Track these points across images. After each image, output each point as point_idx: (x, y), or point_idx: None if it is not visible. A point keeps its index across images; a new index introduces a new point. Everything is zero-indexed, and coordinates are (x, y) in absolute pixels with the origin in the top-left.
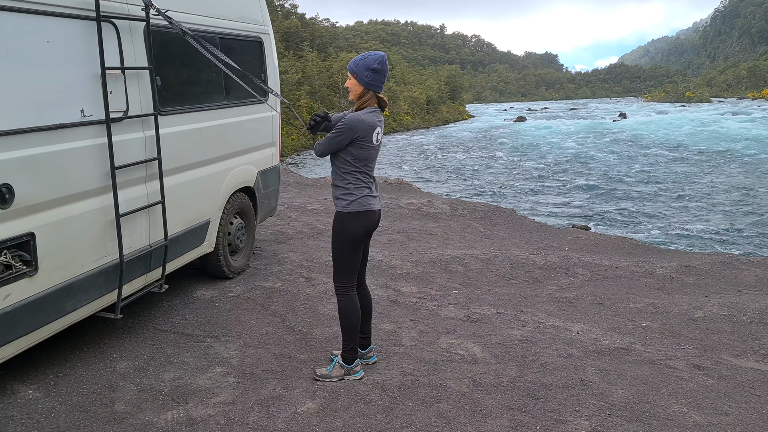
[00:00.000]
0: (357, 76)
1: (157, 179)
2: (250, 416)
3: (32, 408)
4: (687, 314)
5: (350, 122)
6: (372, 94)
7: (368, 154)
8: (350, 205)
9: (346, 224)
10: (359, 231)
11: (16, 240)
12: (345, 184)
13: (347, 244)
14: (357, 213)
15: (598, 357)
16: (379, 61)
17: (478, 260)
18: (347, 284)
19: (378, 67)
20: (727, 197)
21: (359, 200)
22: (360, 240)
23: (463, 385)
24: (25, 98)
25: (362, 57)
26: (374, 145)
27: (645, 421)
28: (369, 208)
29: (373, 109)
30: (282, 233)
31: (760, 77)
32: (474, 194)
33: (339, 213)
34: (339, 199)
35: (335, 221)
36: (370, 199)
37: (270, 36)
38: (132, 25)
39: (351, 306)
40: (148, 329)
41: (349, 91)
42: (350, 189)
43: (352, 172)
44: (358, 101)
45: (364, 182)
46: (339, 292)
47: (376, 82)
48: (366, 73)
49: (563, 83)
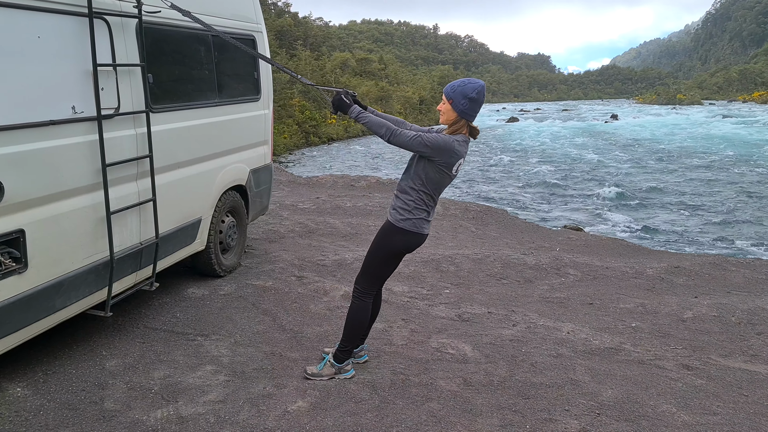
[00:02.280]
0: (453, 102)
1: (148, 177)
2: (240, 414)
3: (20, 406)
4: (676, 315)
5: (443, 142)
6: (465, 122)
7: (443, 180)
8: (404, 222)
9: (392, 237)
10: (400, 247)
11: (5, 237)
12: (407, 199)
13: (385, 255)
14: (407, 231)
15: (588, 357)
16: (478, 90)
17: (469, 260)
18: (368, 290)
19: (476, 97)
20: (717, 199)
21: (414, 221)
22: (399, 255)
23: (454, 385)
24: (15, 94)
25: (461, 83)
26: (452, 174)
27: (634, 420)
28: (419, 231)
29: (465, 139)
30: (274, 232)
31: (751, 80)
32: (465, 194)
33: (390, 224)
34: (395, 210)
35: (382, 229)
36: (424, 222)
37: (263, 34)
38: (124, 21)
39: (363, 311)
40: (138, 327)
41: (441, 113)
42: (410, 207)
43: (420, 191)
44: (449, 127)
45: (426, 205)
46: (357, 294)
47: (471, 111)
48: (463, 101)
49: (556, 84)
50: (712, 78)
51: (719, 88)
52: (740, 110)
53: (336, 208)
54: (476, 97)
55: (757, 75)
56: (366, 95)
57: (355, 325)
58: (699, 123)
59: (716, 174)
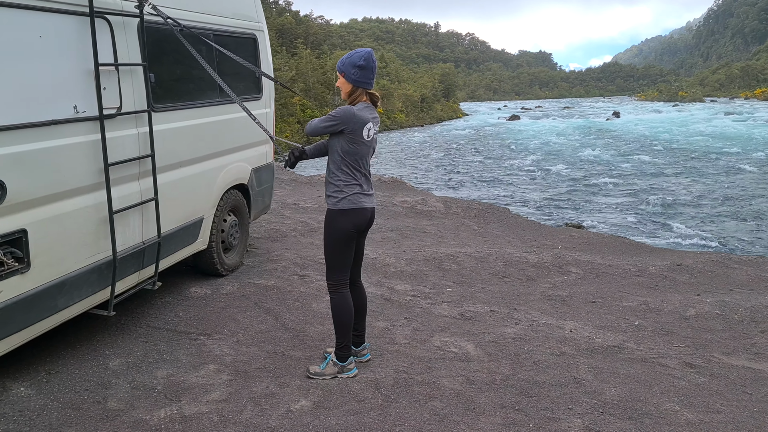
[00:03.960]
0: (345, 75)
1: (150, 176)
2: (244, 414)
3: (24, 405)
4: (679, 313)
5: (343, 113)
6: (362, 90)
7: (359, 149)
8: (340, 202)
9: (336, 222)
10: (349, 228)
11: (7, 237)
12: (335, 180)
13: (337, 242)
14: (347, 210)
15: (591, 355)
16: (365, 57)
17: (471, 258)
18: (339, 281)
19: (364, 64)
20: (719, 196)
21: (349, 198)
22: (350, 238)
23: (457, 383)
24: (17, 94)
25: (348, 55)
26: (365, 141)
27: (637, 419)
28: (359, 206)
29: (366, 105)
30: (276, 231)
31: (753, 77)
32: (467, 192)
33: (329, 210)
34: (330, 196)
35: (326, 219)
36: (361, 196)
37: (264, 33)
38: (125, 21)
39: (343, 303)
40: (141, 326)
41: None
42: (340, 186)
43: (342, 169)
44: (348, 99)
45: (355, 179)
46: (331, 289)
47: (364, 79)
48: (353, 70)
49: (557, 82)
50: (714, 75)
51: (721, 85)
52: (742, 107)
53: None
54: (365, 63)
55: (759, 71)
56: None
57: (342, 319)
58: (700, 120)
59: (718, 171)
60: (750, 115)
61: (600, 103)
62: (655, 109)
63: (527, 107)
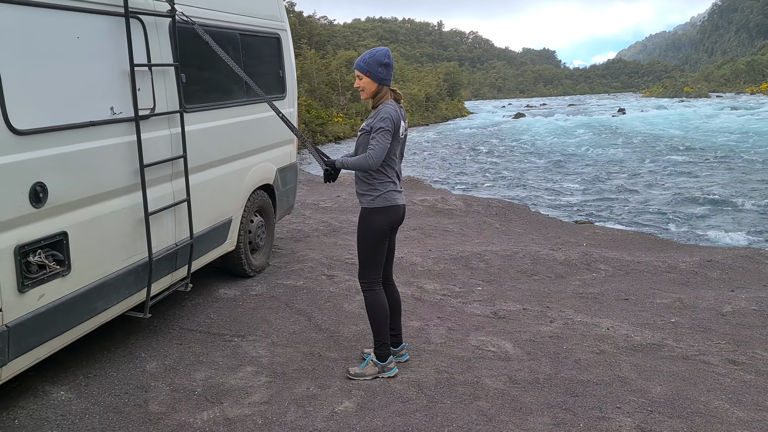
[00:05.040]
0: (371, 74)
1: (182, 177)
2: (288, 416)
3: (66, 409)
4: (715, 309)
5: (390, 119)
6: (386, 89)
7: (392, 147)
8: (375, 200)
9: (371, 220)
10: (384, 227)
11: (49, 239)
12: (370, 179)
13: (372, 240)
14: (382, 209)
15: (631, 353)
16: (388, 54)
17: (498, 256)
18: (373, 280)
19: (388, 62)
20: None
21: (384, 195)
22: (385, 236)
23: (500, 383)
24: (58, 96)
25: (370, 54)
26: (399, 138)
27: (687, 417)
28: (394, 203)
29: (393, 102)
30: (298, 231)
31: (759, 72)
32: (483, 192)
33: (364, 209)
34: (364, 195)
35: (360, 217)
36: (395, 194)
37: (287, 32)
38: (158, 21)
39: (378, 301)
40: (174, 328)
41: (360, 90)
42: (374, 185)
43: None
44: (374, 99)
45: (388, 177)
46: (365, 288)
47: (388, 76)
48: (380, 69)
49: (561, 79)
50: (719, 70)
51: (726, 80)
52: (748, 102)
53: (358, 207)
54: (389, 61)
55: (764, 66)
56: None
57: (377, 318)
58: (708, 115)
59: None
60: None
61: (605, 100)
62: (660, 106)
63: (532, 105)
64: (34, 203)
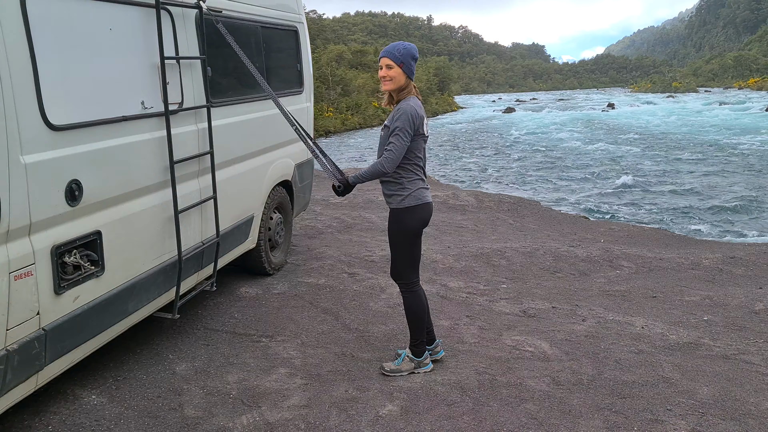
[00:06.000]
0: (404, 66)
1: (208, 173)
2: (330, 420)
3: (99, 414)
4: (747, 307)
5: (407, 113)
6: (412, 84)
7: (418, 144)
8: (405, 200)
9: (403, 221)
10: (417, 226)
11: (84, 239)
12: (398, 179)
13: (407, 240)
14: (413, 207)
15: (670, 353)
16: (417, 49)
17: (519, 253)
18: (411, 280)
19: (418, 56)
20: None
21: (414, 194)
22: (418, 234)
23: (543, 384)
24: (92, 89)
25: (404, 46)
26: (425, 135)
27: (740, 419)
28: (424, 201)
29: (416, 99)
30: (311, 227)
31: (746, 67)
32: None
33: (395, 210)
34: (393, 195)
35: (391, 219)
36: (424, 191)
37: (304, 25)
38: (185, 12)
39: (418, 301)
40: (198, 329)
41: (385, 80)
42: (404, 183)
43: (405, 166)
44: (398, 93)
45: (417, 175)
46: (404, 288)
47: (414, 71)
48: (412, 62)
49: (550, 74)
50: (707, 65)
51: (714, 75)
52: (737, 97)
53: (368, 202)
54: (418, 56)
55: (752, 61)
56: (362, 88)
57: (417, 318)
58: (696, 111)
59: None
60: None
61: (594, 94)
62: (649, 101)
63: (522, 99)
64: (69, 201)
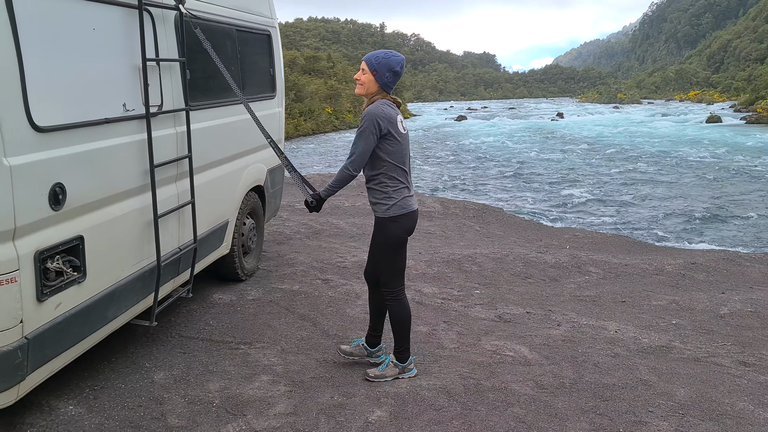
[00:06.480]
0: (377, 74)
1: (186, 178)
2: (320, 427)
3: (78, 425)
4: (712, 311)
5: (371, 114)
6: (384, 94)
7: (399, 147)
8: (390, 209)
9: (388, 230)
10: (402, 234)
11: (67, 244)
12: (382, 187)
13: (392, 250)
14: (398, 217)
15: (644, 356)
16: (402, 64)
17: (489, 259)
18: (397, 287)
19: (399, 71)
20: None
21: (399, 203)
22: (403, 243)
23: (528, 388)
24: (75, 91)
25: (385, 55)
26: (403, 135)
27: (719, 420)
28: (409, 210)
29: (384, 101)
30: (279, 233)
31: (687, 80)
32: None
33: (380, 219)
34: (378, 204)
35: (376, 228)
36: (409, 200)
37: (276, 29)
38: (165, 14)
39: (403, 309)
40: (173, 336)
41: (359, 84)
42: (389, 192)
43: (390, 174)
44: (369, 99)
45: (402, 182)
46: (391, 296)
47: (391, 84)
48: (387, 74)
49: (501, 83)
50: (650, 78)
51: (657, 87)
52: (678, 109)
53: (335, 208)
54: (400, 71)
55: (692, 74)
56: (315, 94)
57: (403, 325)
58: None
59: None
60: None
61: (543, 104)
62: (597, 111)
63: (473, 108)
64: (53, 205)
